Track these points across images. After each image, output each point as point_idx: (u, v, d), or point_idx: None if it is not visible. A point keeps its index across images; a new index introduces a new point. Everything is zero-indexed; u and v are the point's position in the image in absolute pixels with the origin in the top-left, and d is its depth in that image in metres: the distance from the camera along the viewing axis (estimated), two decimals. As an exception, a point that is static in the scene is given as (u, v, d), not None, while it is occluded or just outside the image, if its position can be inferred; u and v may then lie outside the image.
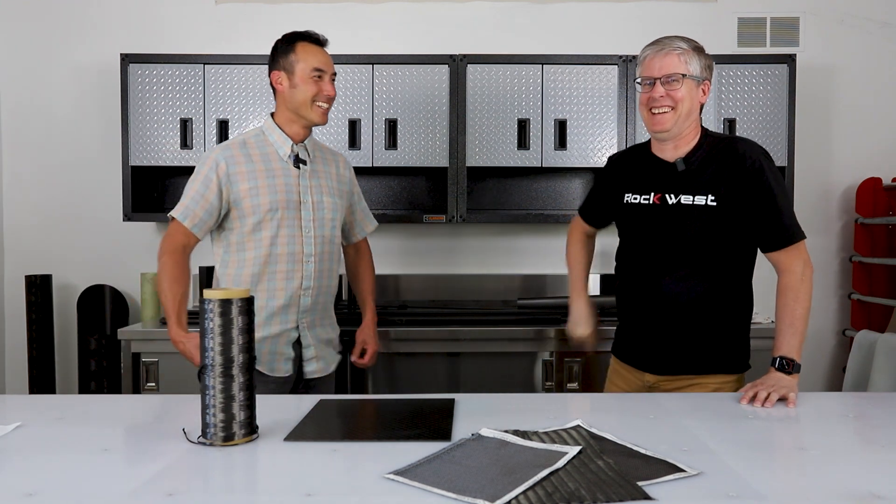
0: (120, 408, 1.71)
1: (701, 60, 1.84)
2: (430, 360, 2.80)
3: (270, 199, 2.04)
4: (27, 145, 3.36)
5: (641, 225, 1.94)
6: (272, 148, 2.10)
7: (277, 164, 2.08)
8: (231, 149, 2.07)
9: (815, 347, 3.41)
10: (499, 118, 3.04)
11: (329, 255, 2.16)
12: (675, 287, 1.88)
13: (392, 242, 3.40)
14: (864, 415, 1.63)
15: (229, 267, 2.09)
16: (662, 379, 1.93)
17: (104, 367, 3.23)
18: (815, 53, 3.36)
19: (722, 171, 1.84)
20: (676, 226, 1.86)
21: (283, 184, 2.07)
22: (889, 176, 3.28)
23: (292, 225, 2.07)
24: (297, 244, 2.08)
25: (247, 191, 2.03)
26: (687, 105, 1.82)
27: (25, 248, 3.37)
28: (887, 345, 2.82)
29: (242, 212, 2.04)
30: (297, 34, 2.11)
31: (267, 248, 2.05)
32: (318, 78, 2.07)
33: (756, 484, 1.13)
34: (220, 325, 1.33)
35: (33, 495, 1.09)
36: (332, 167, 2.22)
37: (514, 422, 1.45)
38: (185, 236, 2.04)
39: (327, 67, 2.09)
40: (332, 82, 2.11)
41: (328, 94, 2.09)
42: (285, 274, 2.06)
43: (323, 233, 2.13)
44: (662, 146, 1.91)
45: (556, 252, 3.40)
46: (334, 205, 2.17)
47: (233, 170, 2.04)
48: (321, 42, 2.12)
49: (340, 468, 1.22)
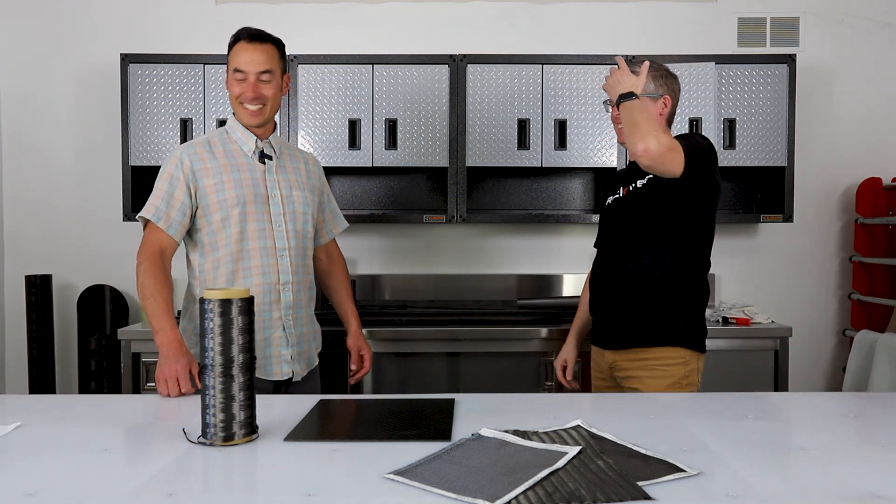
0: (120, 408, 1.71)
1: (657, 80, 2.05)
2: (430, 360, 2.80)
3: (237, 194, 1.99)
4: (27, 145, 3.36)
5: (611, 217, 2.16)
6: (236, 145, 2.06)
7: (242, 159, 2.04)
8: (194, 146, 2.03)
9: (815, 347, 3.41)
10: (499, 118, 3.04)
11: (303, 251, 2.11)
12: (623, 265, 2.05)
13: (392, 242, 3.40)
14: (864, 415, 1.63)
15: (204, 270, 2.02)
16: (618, 355, 2.07)
17: (104, 367, 3.23)
18: (815, 53, 3.36)
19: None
20: (632, 209, 2.06)
21: (249, 178, 2.02)
22: (889, 176, 3.28)
23: (261, 219, 2.02)
24: (268, 238, 2.02)
25: (212, 186, 1.99)
26: None
27: (25, 248, 3.37)
28: (887, 345, 2.82)
29: (209, 208, 1.99)
30: (236, 34, 2.04)
31: (237, 243, 1.99)
32: (240, 80, 1.99)
33: (756, 484, 1.13)
34: (220, 325, 1.33)
35: (33, 495, 1.09)
36: (301, 163, 2.17)
37: (514, 422, 1.45)
38: (161, 240, 1.97)
39: (248, 67, 1.98)
40: (267, 82, 2.00)
41: (247, 96, 1.99)
42: (260, 269, 2.00)
43: (296, 227, 2.07)
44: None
45: (556, 252, 3.41)
46: (305, 199, 2.10)
47: (197, 166, 1.99)
48: (253, 38, 2.00)
49: (340, 468, 1.22)
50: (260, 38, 2.01)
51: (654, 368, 2.00)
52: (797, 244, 3.40)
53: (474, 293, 3.32)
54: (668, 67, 2.11)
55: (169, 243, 1.98)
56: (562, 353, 2.36)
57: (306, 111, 3.03)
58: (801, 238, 3.40)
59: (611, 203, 2.17)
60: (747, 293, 3.35)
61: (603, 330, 2.14)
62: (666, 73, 2.08)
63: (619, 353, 2.07)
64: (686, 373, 2.00)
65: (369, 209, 3.35)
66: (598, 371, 2.20)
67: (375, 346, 2.77)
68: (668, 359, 2.00)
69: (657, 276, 2.01)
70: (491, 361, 2.80)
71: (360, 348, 2.29)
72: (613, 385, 2.12)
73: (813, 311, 3.42)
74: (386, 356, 2.79)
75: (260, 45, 2.01)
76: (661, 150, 1.79)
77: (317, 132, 3.05)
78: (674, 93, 2.08)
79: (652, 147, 1.79)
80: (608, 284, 2.10)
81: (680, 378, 1.99)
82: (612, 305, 2.09)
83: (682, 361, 2.00)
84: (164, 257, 1.97)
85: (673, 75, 2.10)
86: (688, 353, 2.01)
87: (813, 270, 3.43)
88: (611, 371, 2.12)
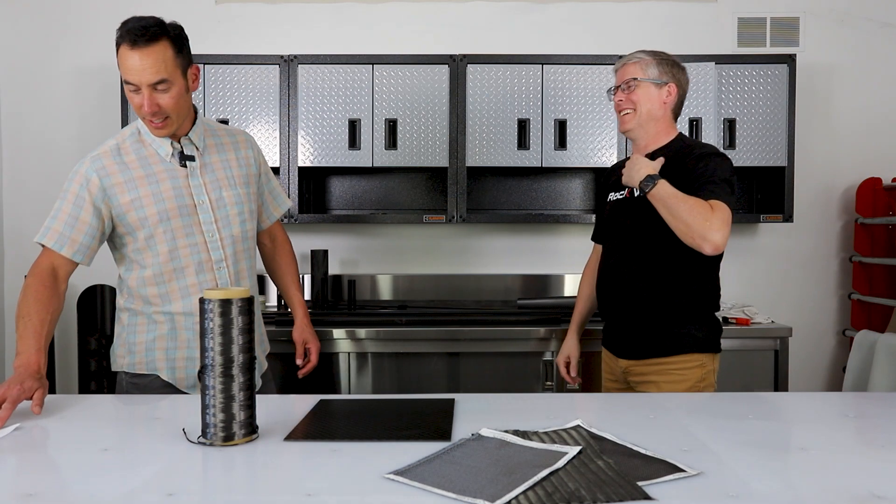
0: (120, 408, 1.70)
1: (661, 66, 2.03)
2: (430, 360, 2.80)
3: (157, 210, 1.79)
4: (27, 145, 3.36)
5: (615, 218, 2.11)
6: (150, 149, 1.83)
7: (159, 166, 1.82)
8: (102, 159, 1.79)
9: (815, 347, 3.41)
10: (499, 118, 3.04)
11: (244, 253, 1.94)
12: (635, 273, 2.01)
13: (392, 242, 3.40)
14: (864, 415, 1.63)
15: (130, 287, 1.87)
16: (632, 362, 2.05)
17: (104, 367, 3.23)
18: (815, 53, 3.36)
19: (676, 164, 1.95)
20: (639, 217, 1.99)
21: (171, 188, 1.81)
22: (889, 176, 3.28)
23: (191, 232, 1.83)
24: (202, 252, 1.84)
25: (129, 203, 1.78)
26: (646, 106, 2.02)
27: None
28: (887, 345, 2.83)
29: (130, 226, 1.80)
30: (122, 26, 1.74)
31: (167, 263, 1.82)
32: (133, 91, 1.73)
33: (756, 484, 1.13)
34: (220, 325, 1.33)
35: (33, 495, 1.09)
36: (230, 152, 1.94)
37: (514, 422, 1.44)
38: (57, 263, 1.78)
39: (139, 79, 1.69)
40: (162, 92, 1.72)
41: (145, 111, 1.72)
42: (198, 287, 1.83)
43: (231, 232, 1.89)
44: (637, 147, 2.09)
45: (556, 252, 3.41)
46: (237, 197, 1.90)
47: (107, 182, 1.77)
48: (136, 42, 1.68)
49: (340, 468, 1.22)
50: (145, 40, 1.68)
51: (671, 374, 1.99)
52: (797, 244, 3.40)
53: (474, 293, 3.32)
54: (676, 59, 2.08)
55: (69, 265, 1.80)
56: (563, 348, 2.32)
57: (306, 111, 3.03)
58: (801, 238, 3.40)
59: (615, 201, 2.13)
60: (747, 293, 3.35)
61: (616, 338, 2.11)
62: (673, 63, 2.06)
63: (635, 361, 2.05)
64: (703, 375, 1.99)
65: (369, 209, 3.35)
66: (609, 374, 2.17)
67: (375, 346, 2.78)
68: (685, 363, 1.98)
69: (670, 282, 1.98)
70: (491, 361, 2.79)
71: (306, 340, 2.11)
72: (626, 388, 2.10)
73: (813, 311, 3.42)
74: (386, 356, 2.79)
75: (147, 48, 1.68)
76: (725, 237, 1.79)
77: (317, 132, 3.05)
78: (680, 83, 2.05)
79: (719, 241, 1.79)
80: (619, 291, 2.06)
81: (697, 381, 1.98)
82: (624, 315, 2.06)
83: (699, 365, 1.99)
84: (57, 277, 1.79)
85: (680, 66, 2.07)
86: (704, 356, 1.99)
87: (813, 270, 3.43)
88: (625, 376, 2.09)
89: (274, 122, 3.05)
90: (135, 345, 1.89)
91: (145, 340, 1.89)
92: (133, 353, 1.89)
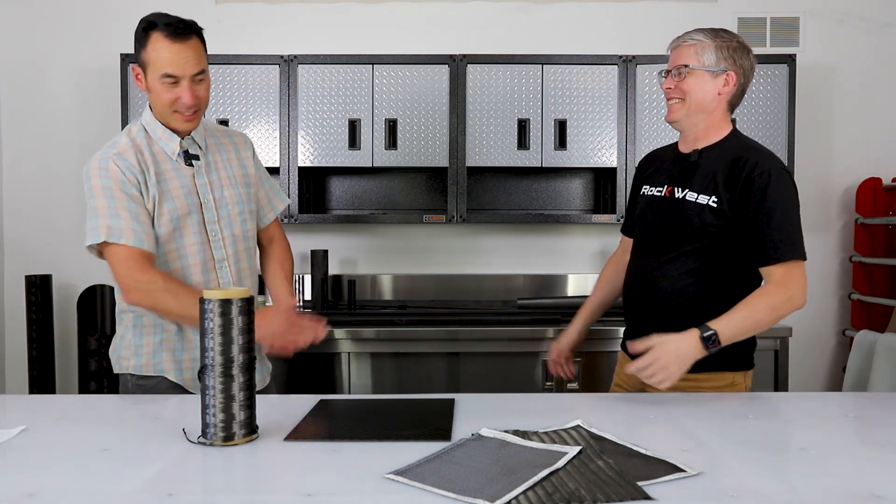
0: (120, 408, 1.71)
1: (720, 51, 1.79)
2: (430, 360, 2.80)
3: (169, 209, 1.80)
4: (27, 145, 3.36)
5: (648, 216, 1.94)
6: (157, 147, 1.83)
7: (167, 164, 1.82)
8: (125, 157, 1.77)
9: (815, 347, 3.41)
10: (499, 118, 3.04)
11: (245, 253, 1.94)
12: (670, 283, 1.84)
13: (392, 242, 3.40)
14: (864, 415, 1.63)
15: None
16: None
17: (104, 367, 3.22)
18: (815, 53, 3.36)
19: (730, 177, 1.78)
20: (677, 220, 1.84)
21: (179, 186, 1.82)
22: (889, 176, 3.28)
23: (197, 231, 1.84)
24: (206, 251, 1.85)
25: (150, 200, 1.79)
26: (697, 96, 1.81)
27: (25, 248, 3.37)
28: (887, 345, 2.83)
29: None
30: (154, 21, 1.73)
31: (175, 261, 1.82)
32: (171, 84, 1.73)
33: (756, 484, 1.13)
34: (220, 325, 1.33)
35: (34, 495, 1.09)
36: (231, 152, 1.95)
37: (514, 422, 1.44)
38: (137, 254, 1.72)
39: (182, 71, 1.71)
40: (200, 83, 1.76)
41: (186, 104, 1.74)
42: (203, 286, 1.81)
43: (232, 231, 1.90)
44: (685, 140, 1.90)
45: (556, 252, 3.41)
46: (238, 197, 1.91)
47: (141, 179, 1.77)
48: (178, 34, 1.70)
49: (340, 468, 1.22)
50: (186, 33, 1.72)
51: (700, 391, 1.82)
52: (797, 244, 3.40)
53: (474, 293, 3.32)
54: (742, 40, 1.83)
55: (145, 256, 1.74)
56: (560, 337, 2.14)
57: (306, 111, 3.03)
58: (801, 238, 3.39)
59: (650, 197, 1.93)
60: (747, 293, 3.35)
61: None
62: (736, 47, 1.80)
63: None
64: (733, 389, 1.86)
65: (369, 209, 3.35)
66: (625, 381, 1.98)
67: (375, 347, 2.78)
68: (715, 381, 1.83)
69: (705, 292, 1.81)
70: (491, 361, 2.79)
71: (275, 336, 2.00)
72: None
73: (813, 311, 3.41)
74: (386, 356, 2.79)
75: (188, 40, 1.73)
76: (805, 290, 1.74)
77: (317, 132, 3.05)
78: (742, 69, 1.80)
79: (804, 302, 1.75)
80: (648, 295, 1.88)
81: None
82: (652, 320, 1.85)
83: (729, 384, 1.84)
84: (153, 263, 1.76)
85: (745, 49, 1.81)
86: (735, 374, 1.85)
87: (813, 270, 3.40)
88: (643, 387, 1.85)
89: (274, 122, 3.05)
90: (141, 346, 1.88)
91: (152, 342, 1.87)
92: (140, 354, 1.88)
